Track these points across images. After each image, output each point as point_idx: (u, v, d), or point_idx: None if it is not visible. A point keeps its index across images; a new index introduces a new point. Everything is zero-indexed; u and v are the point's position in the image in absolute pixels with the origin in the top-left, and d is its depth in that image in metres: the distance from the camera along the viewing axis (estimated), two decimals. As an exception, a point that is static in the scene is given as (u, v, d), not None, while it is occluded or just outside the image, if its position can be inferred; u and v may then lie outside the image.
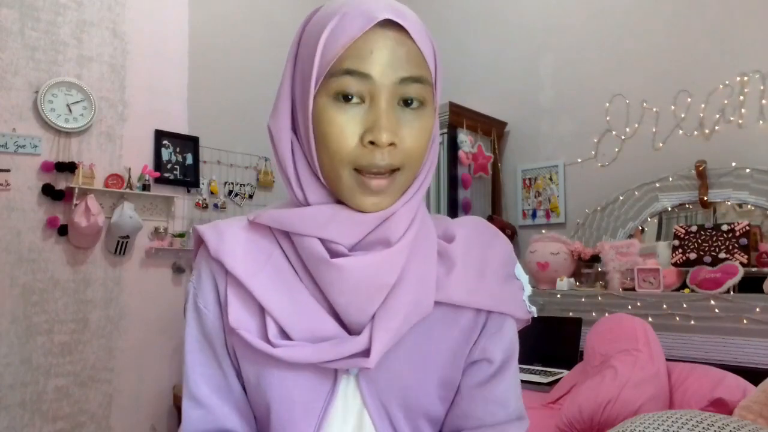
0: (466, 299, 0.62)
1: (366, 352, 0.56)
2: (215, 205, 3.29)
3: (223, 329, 0.62)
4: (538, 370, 2.56)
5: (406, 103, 0.56)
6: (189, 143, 3.16)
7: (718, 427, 1.12)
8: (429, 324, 0.61)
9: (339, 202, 0.59)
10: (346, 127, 0.55)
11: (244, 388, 0.63)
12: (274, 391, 0.59)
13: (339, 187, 0.57)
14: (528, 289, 0.69)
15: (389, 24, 0.54)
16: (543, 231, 3.25)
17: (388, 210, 0.58)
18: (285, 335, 0.58)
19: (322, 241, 0.57)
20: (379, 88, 0.54)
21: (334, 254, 0.57)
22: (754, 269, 2.37)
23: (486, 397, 0.64)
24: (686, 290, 2.47)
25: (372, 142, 0.54)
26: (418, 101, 0.56)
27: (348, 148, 0.55)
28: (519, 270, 0.69)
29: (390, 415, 0.60)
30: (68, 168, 2.64)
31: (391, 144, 0.54)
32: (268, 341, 0.57)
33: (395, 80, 0.54)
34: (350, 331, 0.58)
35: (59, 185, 2.64)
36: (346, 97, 0.55)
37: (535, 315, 0.69)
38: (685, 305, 2.37)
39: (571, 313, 2.72)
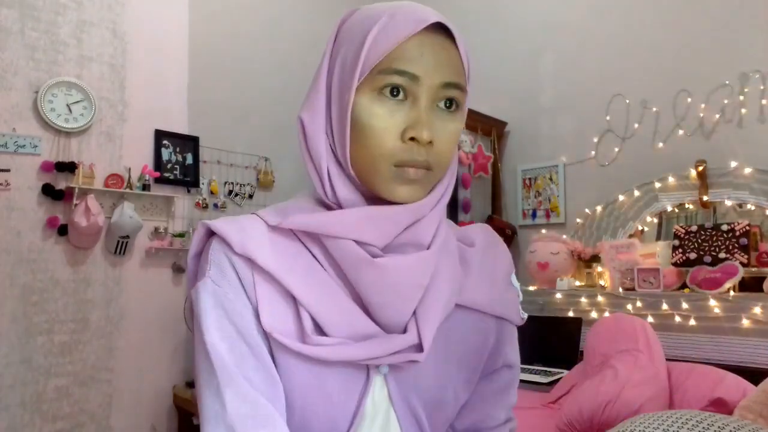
0: (489, 305, 0.66)
1: (416, 347, 0.58)
2: (215, 205, 3.29)
3: (256, 323, 0.58)
4: (538, 370, 2.56)
5: (445, 105, 0.58)
6: (189, 143, 3.16)
7: (718, 427, 1.12)
8: (450, 325, 0.64)
9: (368, 200, 0.60)
10: (389, 121, 0.56)
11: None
12: (310, 385, 0.58)
13: (375, 180, 0.58)
14: (520, 296, 0.74)
15: (436, 30, 0.57)
16: (543, 231, 3.25)
17: (419, 210, 0.59)
18: (320, 331, 0.57)
19: (357, 242, 0.57)
20: (424, 89, 0.56)
21: (370, 255, 0.58)
22: (754, 269, 2.37)
23: (504, 401, 0.72)
24: (686, 290, 2.47)
25: (413, 138, 0.56)
26: (456, 105, 0.59)
27: (390, 142, 0.56)
28: (513, 277, 0.73)
29: (415, 414, 0.62)
30: (68, 168, 2.63)
31: (430, 143, 0.56)
32: (303, 338, 0.56)
33: (439, 83, 0.57)
34: (384, 329, 0.59)
35: (59, 185, 2.64)
36: (393, 92, 0.56)
37: (524, 321, 0.73)
38: (685, 305, 2.37)
39: (571, 313, 2.72)
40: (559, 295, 2.79)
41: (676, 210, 2.82)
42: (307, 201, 0.63)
